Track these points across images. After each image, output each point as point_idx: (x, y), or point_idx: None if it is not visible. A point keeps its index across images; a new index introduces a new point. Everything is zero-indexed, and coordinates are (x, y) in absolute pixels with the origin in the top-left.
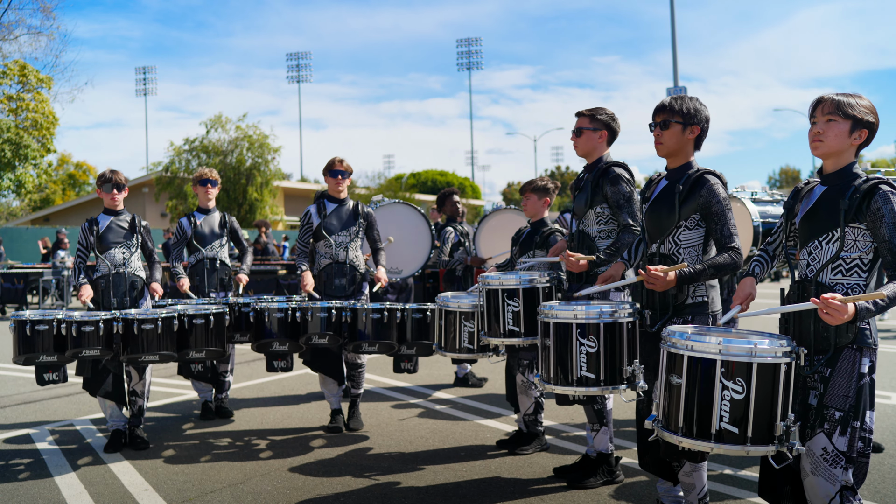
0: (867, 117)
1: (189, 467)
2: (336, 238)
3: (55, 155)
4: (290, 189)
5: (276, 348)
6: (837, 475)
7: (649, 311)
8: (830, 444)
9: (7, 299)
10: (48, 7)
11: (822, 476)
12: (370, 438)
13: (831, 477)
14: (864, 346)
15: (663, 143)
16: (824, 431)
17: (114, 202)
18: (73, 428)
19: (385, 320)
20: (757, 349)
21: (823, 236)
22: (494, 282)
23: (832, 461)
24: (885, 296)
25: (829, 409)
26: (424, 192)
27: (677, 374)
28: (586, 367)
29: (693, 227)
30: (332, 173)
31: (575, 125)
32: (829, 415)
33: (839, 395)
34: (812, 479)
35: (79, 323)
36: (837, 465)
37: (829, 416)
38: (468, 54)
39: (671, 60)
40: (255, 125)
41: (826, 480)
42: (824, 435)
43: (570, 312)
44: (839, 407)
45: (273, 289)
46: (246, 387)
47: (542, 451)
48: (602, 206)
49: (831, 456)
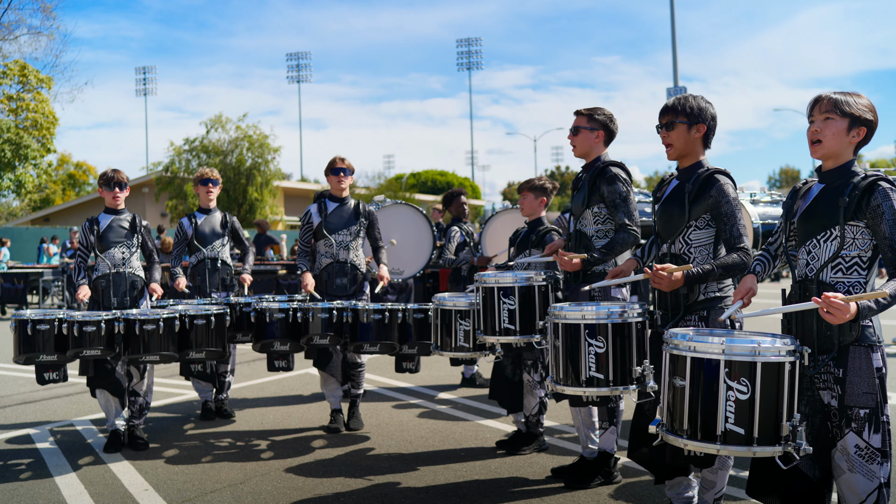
0: (865, 115)
1: (189, 467)
2: (337, 237)
3: (55, 155)
4: (290, 189)
5: (277, 348)
6: (875, 471)
7: (660, 312)
8: (863, 440)
9: (7, 299)
10: (48, 7)
11: (861, 473)
12: (370, 438)
13: (869, 473)
14: (871, 344)
15: (672, 145)
16: (853, 430)
17: (115, 201)
18: (73, 428)
19: (386, 320)
20: (760, 348)
21: (822, 234)
22: (490, 280)
23: (868, 457)
24: (886, 294)
25: (852, 409)
26: (424, 192)
27: (681, 377)
28: (595, 367)
29: (703, 226)
30: (333, 171)
31: (572, 124)
32: (854, 414)
33: (860, 393)
34: (850, 477)
35: (80, 323)
36: (875, 461)
37: (855, 416)
38: (468, 54)
39: (671, 60)
40: (256, 125)
41: (865, 477)
42: (854, 433)
43: (579, 313)
44: (864, 405)
45: (273, 289)
46: (246, 387)
47: (542, 452)
48: (599, 205)
49: (867, 452)
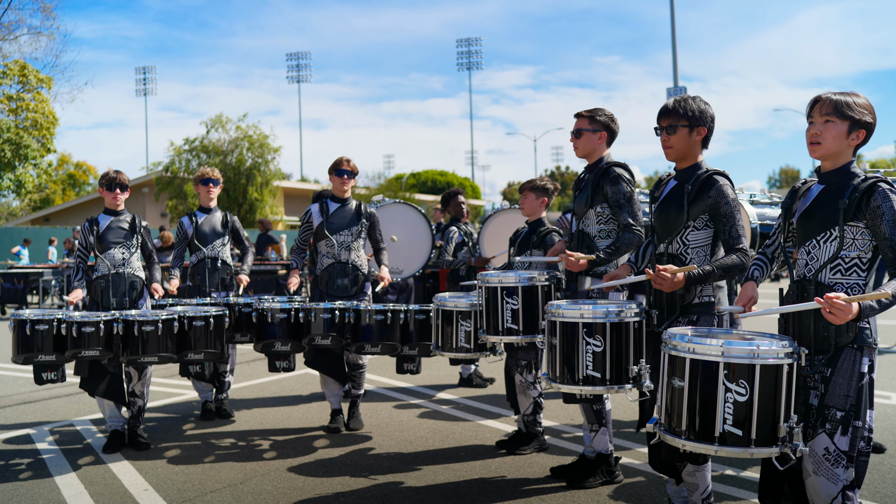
0: (865, 117)
1: (189, 467)
2: (338, 238)
3: (55, 155)
4: (290, 189)
5: (278, 349)
6: (839, 475)
7: (656, 311)
8: (832, 443)
9: (7, 299)
10: (48, 7)
11: (825, 476)
12: (370, 438)
13: (833, 476)
14: (864, 346)
15: (672, 148)
16: (826, 431)
17: (116, 202)
18: (73, 428)
19: (388, 321)
20: (759, 350)
21: (822, 235)
22: (493, 280)
23: (834, 461)
24: (888, 294)
25: (830, 409)
26: (424, 192)
27: (679, 377)
28: (592, 366)
29: (701, 227)
30: (338, 172)
31: (574, 126)
32: (831, 415)
33: (840, 394)
34: (814, 479)
35: (79, 323)
36: (839, 465)
37: (831, 416)
38: (468, 54)
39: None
40: (256, 125)
41: (828, 480)
42: (826, 435)
43: (577, 311)
44: (840, 406)
45: (273, 289)
46: (246, 387)
47: (542, 452)
48: (602, 205)
49: (833, 456)
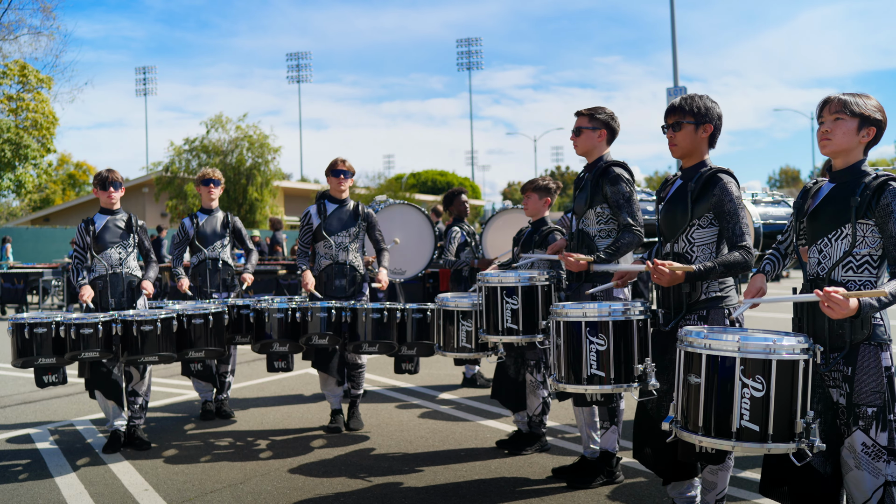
0: (875, 115)
1: (189, 467)
2: (336, 239)
3: (55, 155)
4: (290, 189)
5: (276, 349)
6: (881, 468)
7: (663, 310)
8: (870, 438)
9: (7, 299)
10: (48, 7)
11: (867, 470)
12: (370, 439)
13: (875, 470)
14: (881, 342)
15: (677, 145)
16: (860, 428)
17: (110, 200)
18: (73, 428)
19: (385, 320)
20: (775, 346)
21: (833, 233)
22: (493, 280)
23: (875, 455)
24: (887, 293)
25: (860, 407)
26: (424, 193)
27: (695, 374)
28: (597, 365)
29: (706, 225)
30: (334, 173)
31: (574, 125)
32: (862, 412)
33: (869, 391)
34: (856, 474)
35: (77, 325)
36: (880, 459)
37: (863, 413)
38: (468, 54)
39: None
40: (256, 125)
41: (871, 474)
42: (861, 431)
43: (581, 311)
44: (872, 403)
45: (273, 289)
46: (246, 387)
47: (542, 452)
48: (602, 205)
49: (873, 450)
